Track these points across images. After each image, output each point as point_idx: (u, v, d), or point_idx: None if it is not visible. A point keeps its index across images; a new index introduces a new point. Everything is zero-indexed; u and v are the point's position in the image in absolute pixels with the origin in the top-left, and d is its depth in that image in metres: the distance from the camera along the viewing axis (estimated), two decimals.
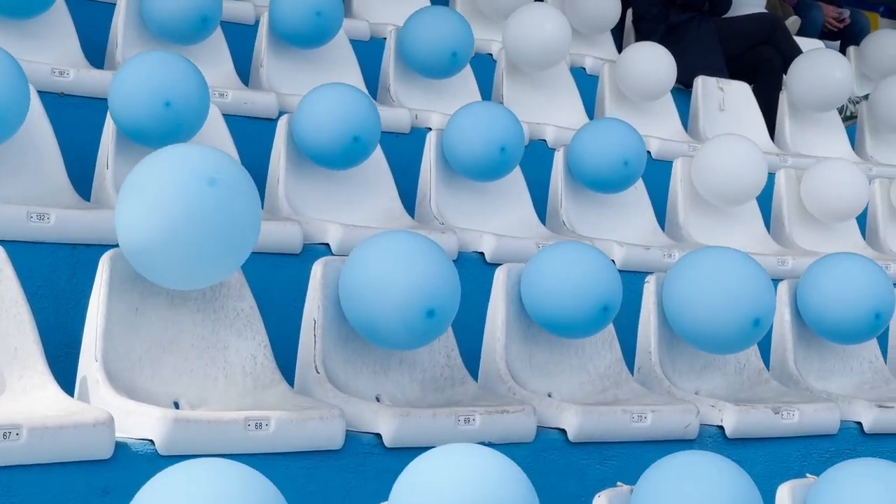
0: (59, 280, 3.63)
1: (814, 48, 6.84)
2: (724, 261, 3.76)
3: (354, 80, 5.14)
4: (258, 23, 5.25)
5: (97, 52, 4.85)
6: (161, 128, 3.84)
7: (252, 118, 4.75)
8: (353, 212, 4.42)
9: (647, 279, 3.95)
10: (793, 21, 7.51)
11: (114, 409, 2.81)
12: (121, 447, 2.77)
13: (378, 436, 3.14)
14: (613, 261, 4.61)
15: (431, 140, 4.66)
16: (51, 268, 3.62)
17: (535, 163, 5.07)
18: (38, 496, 2.66)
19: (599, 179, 4.88)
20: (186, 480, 1.97)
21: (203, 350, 3.16)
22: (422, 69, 5.38)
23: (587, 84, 6.13)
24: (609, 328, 3.82)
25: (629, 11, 7.05)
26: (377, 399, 3.38)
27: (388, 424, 3.13)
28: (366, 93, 4.46)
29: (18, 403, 2.83)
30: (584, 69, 6.40)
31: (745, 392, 3.99)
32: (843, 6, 8.27)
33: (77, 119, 4.31)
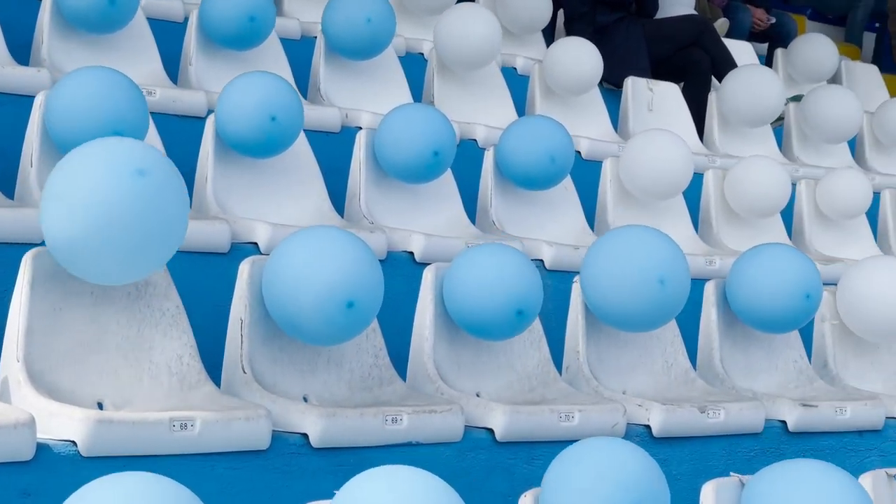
0: None
1: (750, 64, 6.91)
2: (639, 245, 3.78)
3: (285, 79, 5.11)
4: (187, 21, 5.21)
5: (22, 49, 4.79)
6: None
7: (181, 116, 4.72)
8: (282, 211, 4.40)
9: (575, 279, 3.97)
10: (721, 23, 7.58)
11: (36, 410, 2.77)
12: (42, 449, 2.73)
13: (305, 436, 3.13)
14: (542, 260, 4.63)
15: (361, 139, 4.65)
16: None
17: (466, 162, 5.07)
18: None
19: (527, 176, 4.89)
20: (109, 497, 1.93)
21: (128, 350, 3.12)
22: (346, 54, 5.39)
23: (518, 84, 6.14)
24: (537, 328, 3.84)
25: (560, 12, 7.08)
26: (305, 399, 3.37)
27: (315, 424, 3.12)
28: (283, 78, 4.41)
29: None
30: (516, 69, 6.42)
31: (673, 391, 4.02)
32: (771, 9, 8.37)
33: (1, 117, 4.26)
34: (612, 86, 6.52)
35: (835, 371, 4.46)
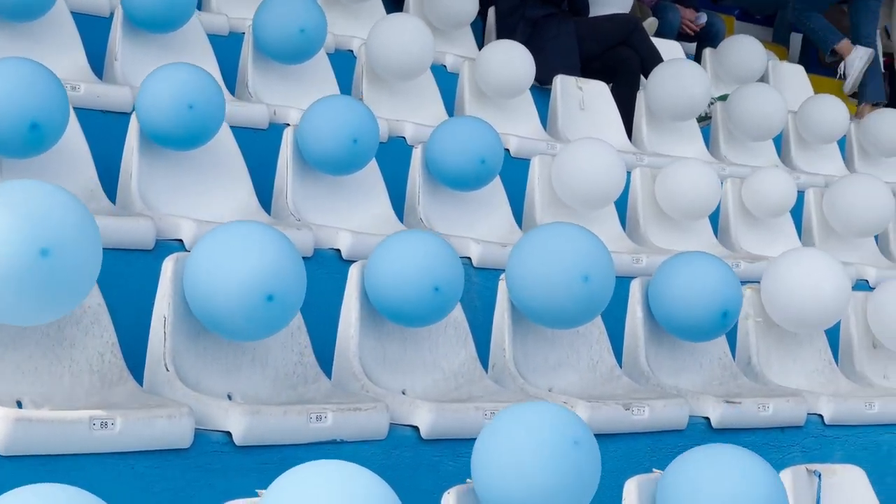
0: None
1: (675, 58, 6.95)
2: (563, 242, 3.80)
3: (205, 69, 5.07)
4: (112, 15, 5.15)
5: None
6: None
7: (105, 112, 4.66)
8: (209, 208, 4.37)
9: (502, 277, 3.98)
10: (650, 22, 7.62)
11: None
12: None
13: (228, 434, 3.11)
14: (469, 258, 4.64)
15: (288, 136, 4.63)
16: None
17: (395, 160, 5.07)
18: None
19: (457, 177, 4.89)
20: None
21: (48, 348, 3.09)
22: (277, 58, 5.35)
23: (447, 81, 6.13)
24: (463, 325, 3.84)
25: (491, 10, 7.08)
26: (229, 397, 3.35)
27: (238, 422, 3.10)
28: (203, 68, 4.38)
29: None
30: (445, 67, 6.41)
31: (598, 389, 4.04)
32: (700, 9, 8.43)
33: None
34: (541, 84, 6.53)
35: (758, 368, 4.50)
